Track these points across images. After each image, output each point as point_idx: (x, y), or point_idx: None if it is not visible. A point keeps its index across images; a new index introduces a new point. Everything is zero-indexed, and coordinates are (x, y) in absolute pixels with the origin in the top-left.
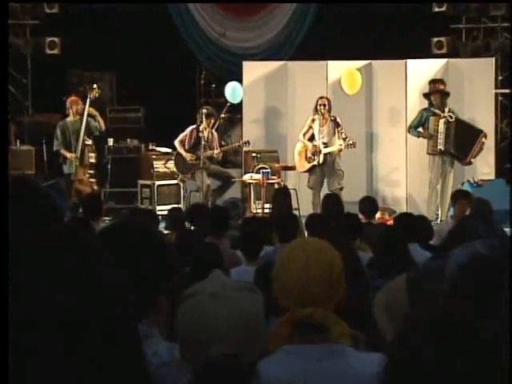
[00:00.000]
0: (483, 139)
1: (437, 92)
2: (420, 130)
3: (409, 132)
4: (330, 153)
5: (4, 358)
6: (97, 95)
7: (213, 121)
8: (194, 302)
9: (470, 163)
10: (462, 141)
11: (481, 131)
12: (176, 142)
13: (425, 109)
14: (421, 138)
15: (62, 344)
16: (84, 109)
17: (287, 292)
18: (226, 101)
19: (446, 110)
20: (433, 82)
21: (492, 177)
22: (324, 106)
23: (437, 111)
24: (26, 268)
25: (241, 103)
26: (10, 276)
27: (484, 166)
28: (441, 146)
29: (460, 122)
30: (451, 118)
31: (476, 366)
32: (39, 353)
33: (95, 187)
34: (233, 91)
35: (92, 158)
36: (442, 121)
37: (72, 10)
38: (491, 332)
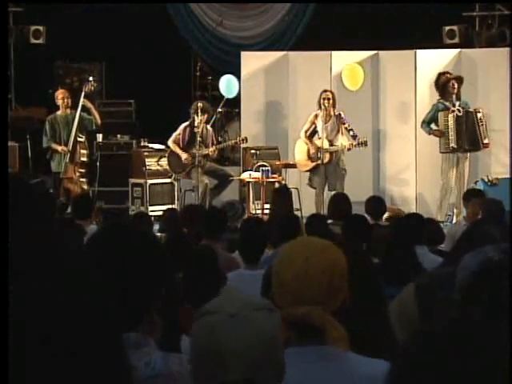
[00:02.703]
0: (478, 115)
1: (455, 79)
2: (433, 125)
3: (421, 127)
4: (335, 151)
5: None
6: (92, 89)
7: (207, 116)
8: (211, 322)
9: (487, 146)
10: (472, 133)
11: (472, 112)
12: (170, 143)
13: (435, 104)
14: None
15: (41, 350)
16: (76, 102)
17: (284, 289)
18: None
19: (458, 103)
20: (445, 73)
21: (507, 175)
22: (328, 100)
23: (447, 104)
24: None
25: (239, 96)
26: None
27: (497, 164)
28: (453, 144)
29: (468, 113)
30: (460, 112)
31: (489, 381)
32: (34, 357)
33: (85, 187)
34: (228, 85)
35: (84, 155)
36: (450, 116)
37: None
38: (505, 344)
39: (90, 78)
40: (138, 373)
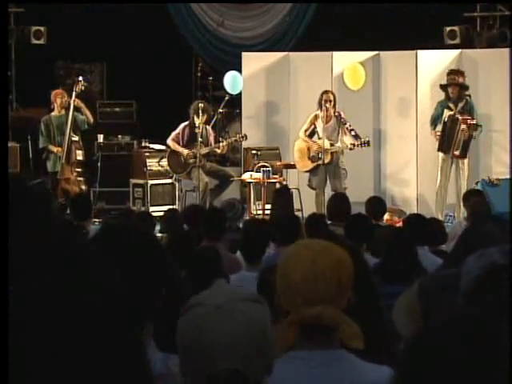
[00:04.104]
0: (462, 126)
1: (455, 85)
2: (439, 125)
3: (430, 122)
4: (336, 151)
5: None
6: (83, 88)
7: (206, 116)
8: (197, 314)
9: (456, 156)
10: (450, 137)
11: (457, 119)
12: (169, 142)
13: (441, 101)
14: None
15: (58, 349)
16: (69, 102)
17: (293, 291)
18: (225, 93)
19: (461, 104)
20: (451, 73)
21: (507, 175)
22: (330, 102)
23: (451, 105)
24: (22, 274)
25: (240, 97)
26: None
27: (498, 164)
28: (438, 146)
29: (454, 120)
30: (448, 117)
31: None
32: (34, 357)
33: (83, 186)
34: (232, 81)
35: (79, 155)
36: (444, 120)
37: None
38: (506, 344)
39: (80, 78)
40: None
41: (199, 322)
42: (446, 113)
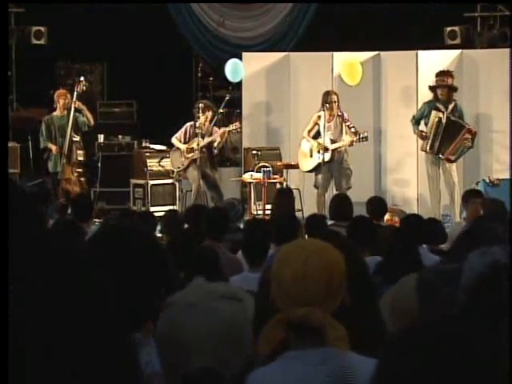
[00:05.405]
0: (466, 135)
1: (444, 86)
2: (422, 125)
3: (410, 122)
4: (338, 150)
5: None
6: (84, 88)
7: (211, 113)
8: (170, 313)
9: (449, 160)
10: (446, 139)
11: (464, 127)
12: (173, 139)
13: (429, 102)
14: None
15: (50, 350)
16: (71, 103)
17: (283, 290)
18: (226, 93)
19: (451, 106)
20: (440, 74)
21: (507, 175)
22: (335, 102)
23: (440, 106)
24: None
25: (240, 97)
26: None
27: (497, 163)
28: (428, 146)
29: (451, 121)
30: (443, 117)
31: None
32: (34, 357)
33: (84, 187)
34: (234, 68)
35: (80, 155)
36: (436, 118)
37: None
38: (505, 345)
39: (82, 78)
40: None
41: (172, 321)
42: (436, 113)
